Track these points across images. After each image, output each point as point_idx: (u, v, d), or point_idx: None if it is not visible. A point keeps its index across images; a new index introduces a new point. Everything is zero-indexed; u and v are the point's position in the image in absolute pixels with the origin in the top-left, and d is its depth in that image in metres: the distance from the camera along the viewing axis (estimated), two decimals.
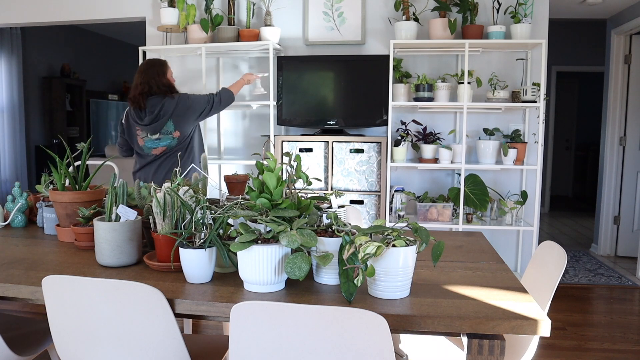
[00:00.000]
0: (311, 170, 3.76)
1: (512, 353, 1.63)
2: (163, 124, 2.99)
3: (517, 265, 3.95)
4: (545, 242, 1.83)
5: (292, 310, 1.11)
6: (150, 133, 3.02)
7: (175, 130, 3.01)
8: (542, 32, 3.78)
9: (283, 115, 3.85)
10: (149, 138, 3.02)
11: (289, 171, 1.52)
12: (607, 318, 3.43)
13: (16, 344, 1.77)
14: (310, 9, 3.97)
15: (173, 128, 3.01)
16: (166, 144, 3.03)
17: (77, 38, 7.30)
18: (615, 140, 4.92)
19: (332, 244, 1.39)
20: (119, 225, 1.57)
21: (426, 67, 3.93)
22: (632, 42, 4.81)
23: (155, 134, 3.01)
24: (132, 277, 1.50)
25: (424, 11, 3.81)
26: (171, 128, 3.01)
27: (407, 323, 1.21)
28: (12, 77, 5.85)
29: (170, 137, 3.02)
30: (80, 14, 4.28)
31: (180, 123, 3.01)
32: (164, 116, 2.98)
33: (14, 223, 2.18)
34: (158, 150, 3.05)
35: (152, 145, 3.03)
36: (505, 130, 3.87)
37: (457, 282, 1.46)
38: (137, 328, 1.29)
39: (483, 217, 3.80)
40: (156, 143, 3.03)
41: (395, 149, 3.67)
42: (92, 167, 4.93)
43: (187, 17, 3.86)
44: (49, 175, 2.19)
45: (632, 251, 4.87)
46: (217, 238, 1.46)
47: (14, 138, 5.91)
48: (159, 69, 3.03)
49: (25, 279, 1.47)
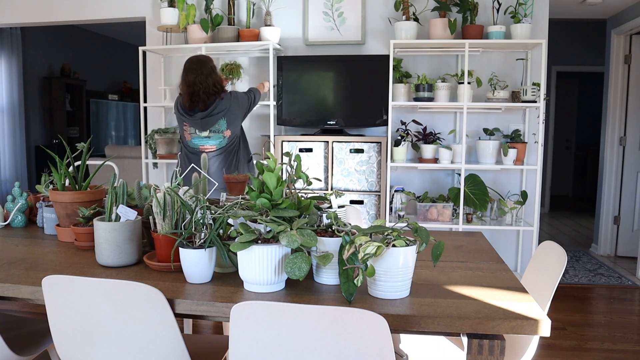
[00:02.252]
0: (311, 170, 3.76)
1: (512, 353, 1.62)
2: (215, 122, 2.93)
3: (517, 265, 3.95)
4: (545, 242, 1.83)
5: (292, 310, 1.11)
6: (200, 129, 2.94)
7: (227, 129, 2.96)
8: (542, 32, 3.78)
9: (283, 115, 3.85)
10: (198, 135, 2.94)
11: (289, 171, 1.52)
12: (607, 318, 3.43)
13: (16, 344, 1.77)
14: (310, 9, 3.97)
15: (225, 127, 2.96)
16: (216, 143, 2.96)
17: (77, 38, 7.30)
18: (615, 140, 4.92)
19: (332, 244, 1.39)
20: (119, 225, 1.57)
21: (426, 67, 3.93)
22: (632, 42, 4.81)
23: (205, 131, 2.94)
24: (132, 277, 1.50)
25: (424, 11, 3.81)
26: (224, 127, 2.95)
27: (407, 323, 1.21)
28: (12, 77, 5.85)
29: (221, 136, 2.96)
30: (80, 14, 4.28)
31: (232, 121, 2.97)
32: (218, 113, 2.92)
33: (14, 223, 2.18)
34: (206, 148, 2.96)
35: (200, 143, 2.96)
36: (505, 130, 3.87)
37: (457, 282, 1.46)
38: (137, 328, 1.29)
39: (483, 217, 3.80)
40: (205, 141, 2.95)
41: (395, 149, 3.67)
42: (92, 167, 4.93)
43: (187, 17, 3.86)
44: (49, 175, 2.19)
45: (632, 251, 4.87)
46: (217, 238, 1.46)
47: (14, 138, 5.91)
48: (212, 65, 2.96)
49: (25, 279, 1.47)
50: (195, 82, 2.89)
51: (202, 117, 2.91)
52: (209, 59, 2.99)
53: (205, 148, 2.96)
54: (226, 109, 2.94)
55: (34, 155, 6.44)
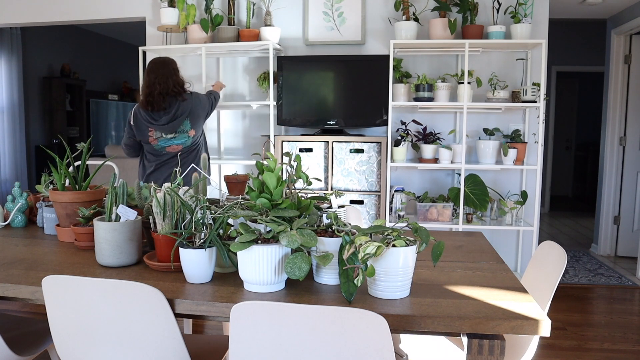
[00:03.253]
0: (311, 170, 3.76)
1: (512, 353, 1.62)
2: (180, 123, 2.96)
3: (517, 265, 3.95)
4: (545, 242, 1.83)
5: (292, 310, 1.11)
6: (166, 133, 2.97)
7: (191, 129, 3.01)
8: (542, 32, 3.78)
9: (283, 115, 3.85)
10: (164, 137, 2.98)
11: (289, 171, 1.52)
12: (607, 318, 3.43)
13: (16, 344, 1.77)
14: (310, 9, 3.97)
15: (189, 127, 3.00)
16: (181, 142, 3.01)
17: (77, 38, 7.30)
18: (615, 140, 4.92)
19: (332, 244, 1.39)
20: (119, 225, 1.57)
21: (426, 67, 3.93)
22: (632, 42, 4.81)
23: (171, 133, 2.98)
24: (132, 277, 1.50)
25: (424, 11, 3.81)
26: (187, 127, 3.00)
27: (407, 323, 1.21)
28: (12, 77, 5.85)
29: (186, 136, 3.01)
30: (80, 14, 4.28)
31: (195, 121, 3.02)
32: (182, 115, 2.95)
33: (14, 223, 2.18)
34: (172, 149, 3.02)
35: (165, 144, 3.00)
36: (505, 130, 3.87)
37: (457, 282, 1.46)
38: (137, 328, 1.29)
39: (483, 217, 3.80)
40: (170, 142, 3.00)
41: (395, 149, 3.67)
42: (92, 167, 4.93)
43: (187, 17, 3.86)
44: (49, 175, 2.19)
45: (632, 251, 4.87)
46: (217, 238, 1.46)
47: (14, 138, 5.91)
48: (174, 67, 2.97)
49: (25, 279, 1.47)
50: (155, 82, 2.90)
51: (167, 122, 2.94)
52: (172, 61, 3.01)
53: (172, 148, 3.01)
54: (189, 110, 2.97)
55: (34, 155, 6.44)
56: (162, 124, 2.95)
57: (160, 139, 2.99)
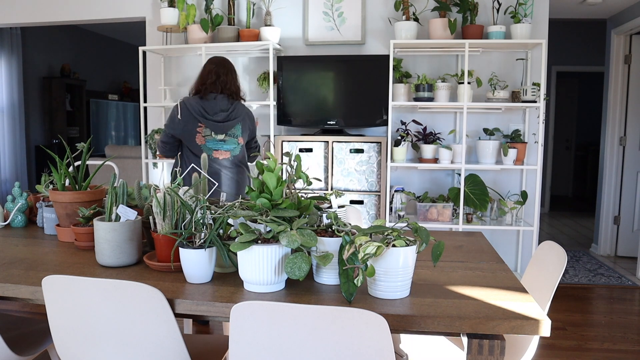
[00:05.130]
0: (311, 170, 3.76)
1: (512, 353, 1.62)
2: (233, 125, 2.81)
3: (517, 265, 3.95)
4: (545, 242, 1.83)
5: (292, 310, 1.11)
6: (217, 132, 2.79)
7: (241, 136, 2.87)
8: (542, 32, 3.78)
9: (283, 115, 3.85)
10: (213, 138, 2.79)
11: (289, 171, 1.52)
12: (607, 318, 3.43)
13: (16, 344, 1.77)
14: (310, 9, 3.97)
15: (240, 132, 2.86)
16: (230, 149, 2.83)
17: (77, 38, 7.30)
18: (615, 140, 4.92)
19: (332, 244, 1.39)
20: (119, 225, 1.57)
21: (426, 67, 3.93)
22: (632, 42, 4.81)
23: (222, 134, 2.80)
24: (132, 277, 1.50)
25: (424, 11, 3.81)
26: (239, 132, 2.85)
27: (407, 323, 1.21)
28: (12, 77, 5.85)
29: (236, 142, 2.85)
30: (80, 14, 4.28)
31: (244, 130, 2.88)
32: (237, 118, 2.83)
33: (14, 223, 2.18)
34: (220, 154, 2.82)
35: (214, 147, 2.80)
36: (505, 130, 3.87)
37: (457, 282, 1.46)
38: (137, 328, 1.29)
39: (483, 217, 3.80)
40: (219, 145, 2.81)
41: (395, 149, 3.67)
42: (92, 167, 4.93)
43: (187, 17, 3.86)
44: (49, 175, 2.19)
45: (632, 251, 4.87)
46: (217, 238, 1.46)
47: (14, 138, 5.91)
48: (234, 69, 2.91)
49: (25, 279, 1.47)
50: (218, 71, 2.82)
51: (223, 119, 2.78)
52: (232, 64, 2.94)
53: (219, 154, 2.82)
54: (243, 115, 2.88)
55: (34, 155, 6.44)
56: (217, 121, 2.76)
57: (209, 139, 2.79)
